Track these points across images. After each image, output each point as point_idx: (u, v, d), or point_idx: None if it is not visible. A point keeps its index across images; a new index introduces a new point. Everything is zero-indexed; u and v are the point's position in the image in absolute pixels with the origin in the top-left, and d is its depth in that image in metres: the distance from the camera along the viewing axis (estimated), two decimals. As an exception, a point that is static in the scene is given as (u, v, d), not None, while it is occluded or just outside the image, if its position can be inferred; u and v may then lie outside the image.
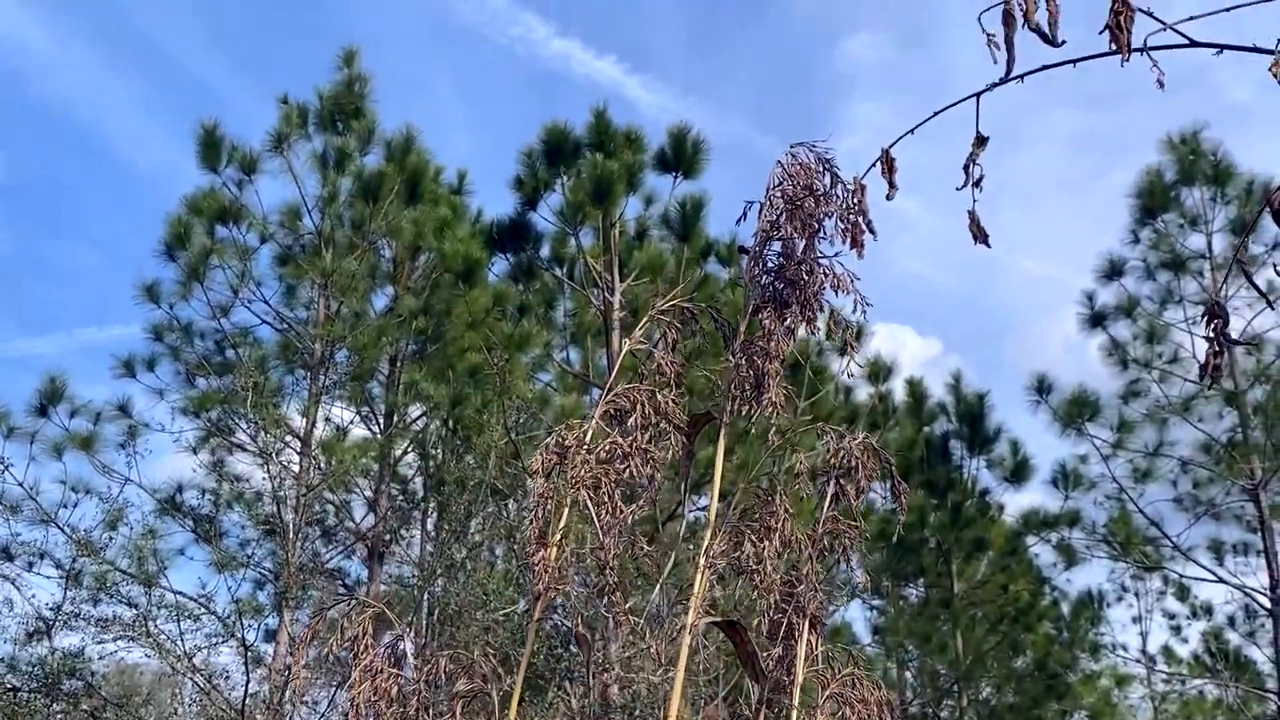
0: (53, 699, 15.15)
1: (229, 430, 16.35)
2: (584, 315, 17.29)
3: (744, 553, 3.37)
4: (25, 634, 15.23)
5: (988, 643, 20.85)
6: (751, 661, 3.47)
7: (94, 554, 14.82)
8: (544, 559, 3.34)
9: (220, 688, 16.07)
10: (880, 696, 3.48)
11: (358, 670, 3.57)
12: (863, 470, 3.55)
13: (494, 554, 16.83)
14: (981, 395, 22.12)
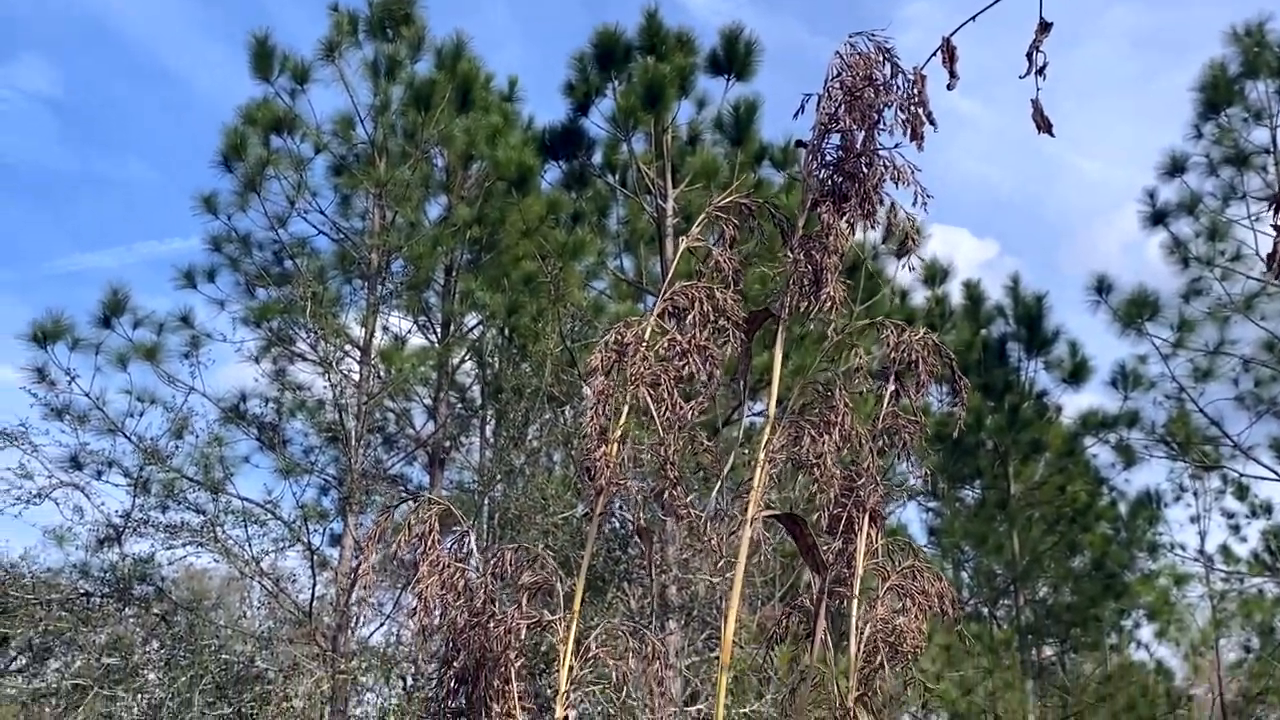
0: (124, 603, 15.61)
1: (289, 340, 16.56)
2: (637, 222, 17.24)
3: (803, 447, 3.39)
4: (96, 541, 15.63)
5: (1044, 543, 20.89)
6: (812, 554, 3.51)
7: (161, 462, 15.13)
8: (605, 455, 3.38)
9: (288, 590, 16.50)
10: (941, 588, 3.51)
11: (425, 565, 3.65)
12: (923, 365, 3.55)
13: (552, 460, 16.99)
14: (1040, 296, 21.93)
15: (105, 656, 15.00)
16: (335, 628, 15.73)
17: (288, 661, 14.47)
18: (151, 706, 15.24)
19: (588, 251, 16.24)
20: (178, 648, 14.62)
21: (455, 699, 3.70)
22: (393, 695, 15.42)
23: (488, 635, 3.52)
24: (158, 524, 15.22)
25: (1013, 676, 19.18)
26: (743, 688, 14.26)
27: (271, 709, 14.28)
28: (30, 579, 15.24)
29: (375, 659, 14.89)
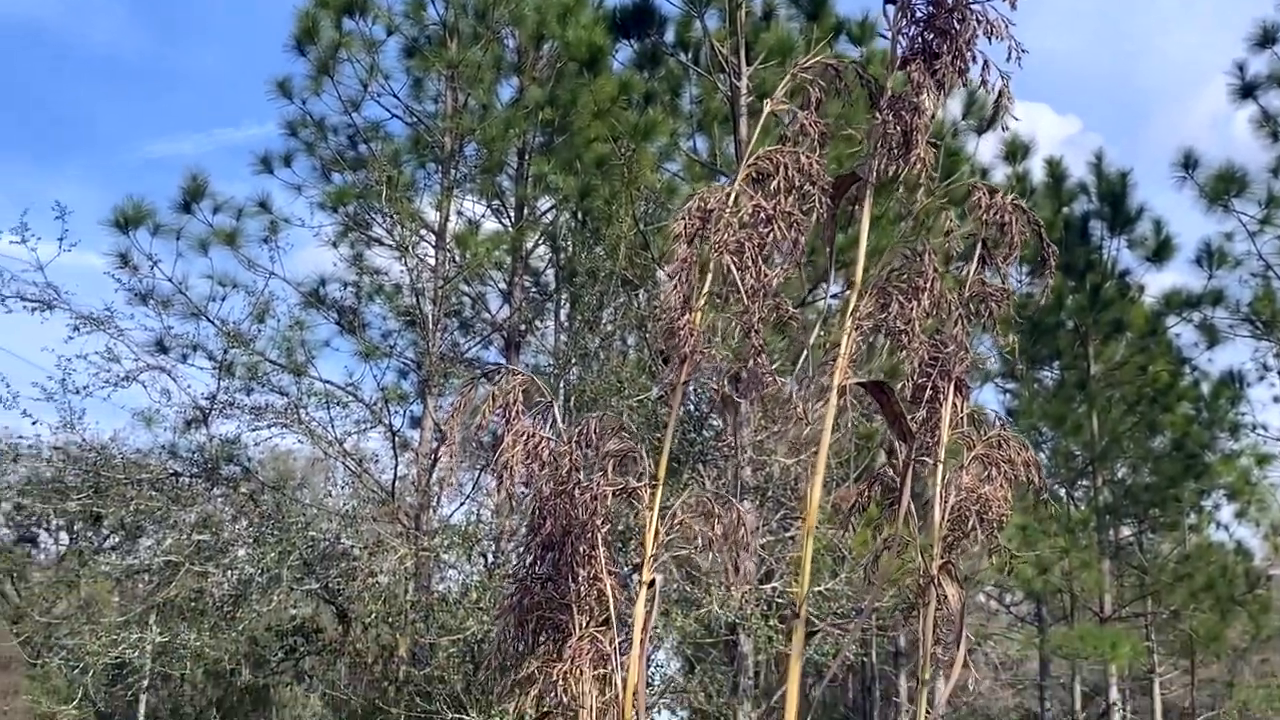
0: (213, 483, 16.02)
1: (366, 224, 16.68)
2: (710, 102, 16.99)
3: (891, 313, 3.36)
4: (184, 422, 16.01)
5: (1124, 424, 20.69)
6: (898, 422, 3.50)
7: (244, 345, 15.39)
8: (688, 324, 3.37)
9: (370, 471, 16.85)
10: (1028, 457, 3.49)
11: (510, 436, 3.69)
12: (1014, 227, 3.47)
13: (626, 343, 17.05)
14: (1124, 173, 21.41)
15: (195, 534, 15.45)
16: (417, 507, 16.07)
17: (372, 539, 14.80)
18: (241, 582, 15.73)
19: (660, 132, 16.05)
20: (265, 525, 15.00)
21: (541, 566, 3.76)
22: (474, 572, 15.76)
23: (573, 503, 3.56)
24: (243, 406, 15.55)
25: (1090, 556, 19.16)
26: (817, 567, 14.39)
27: (357, 584, 14.68)
28: (121, 460, 15.69)
29: (456, 537, 15.19)
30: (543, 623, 3.78)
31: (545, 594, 3.75)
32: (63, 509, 17.85)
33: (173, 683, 19.10)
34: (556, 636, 3.74)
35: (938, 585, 3.45)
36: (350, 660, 16.14)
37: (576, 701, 3.63)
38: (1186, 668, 23.06)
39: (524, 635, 3.83)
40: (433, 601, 15.39)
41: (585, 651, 3.62)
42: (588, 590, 3.63)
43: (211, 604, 15.95)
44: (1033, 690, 24.70)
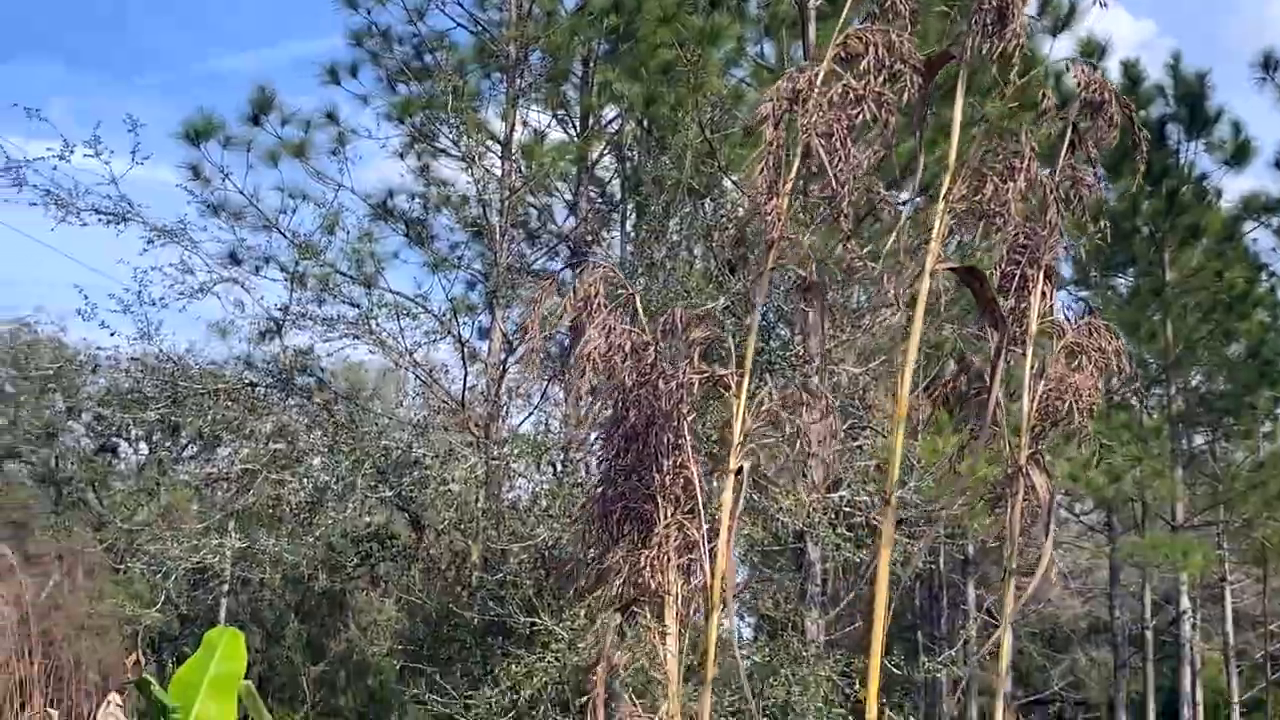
0: (287, 393, 16.25)
1: (432, 135, 16.65)
2: (777, 6, 16.66)
3: (985, 195, 3.29)
4: (258, 333, 16.22)
5: (1199, 331, 20.35)
6: (990, 309, 3.45)
7: (315, 257, 15.51)
8: (775, 208, 3.33)
9: (440, 381, 17.01)
10: (1119, 346, 3.43)
11: (592, 328, 3.68)
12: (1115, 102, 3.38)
13: (692, 253, 16.95)
14: (1201, 75, 20.82)
15: (272, 443, 15.73)
16: (487, 416, 16.21)
17: (443, 448, 14.97)
18: (317, 490, 16.02)
19: (727, 37, 15.79)
20: (339, 435, 15.22)
21: (625, 458, 3.77)
22: (543, 480, 15.93)
23: (657, 394, 3.56)
24: (315, 317, 15.70)
25: (1162, 464, 18.97)
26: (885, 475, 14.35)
27: (430, 492, 14.90)
28: (198, 371, 15.93)
29: (526, 446, 15.33)
30: (627, 514, 3.80)
31: (629, 485, 3.76)
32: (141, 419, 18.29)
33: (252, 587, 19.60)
34: (641, 527, 3.76)
35: (1025, 476, 3.42)
36: (424, 566, 16.44)
37: (662, 589, 3.66)
38: (1259, 576, 22.89)
39: (608, 526, 3.85)
40: (503, 509, 15.59)
41: (672, 539, 3.63)
42: (673, 480, 3.63)
43: (289, 511, 16.28)
44: (1102, 599, 24.64)
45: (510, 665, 12.69)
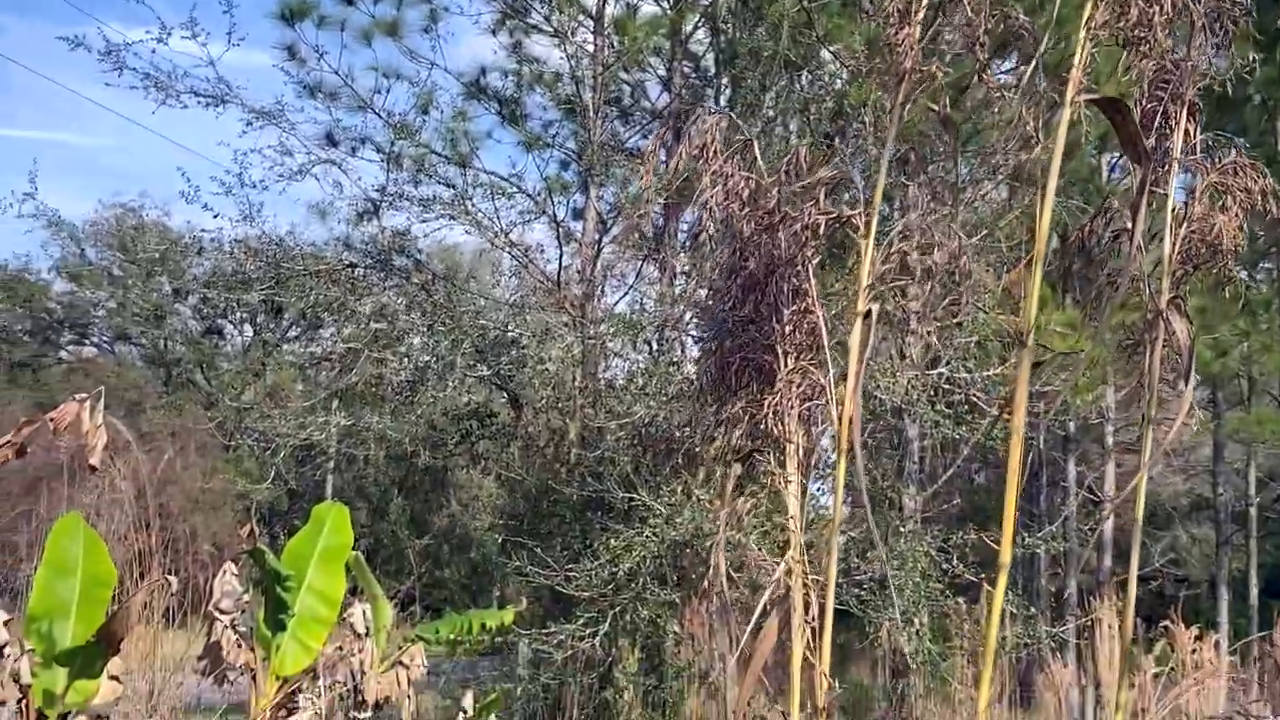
0: (386, 274, 16.41)
1: (524, 11, 16.43)
2: None
3: (1129, 19, 3.12)
4: (356, 214, 16.33)
5: (1316, 203, 19.55)
6: (1133, 143, 3.30)
7: (410, 137, 15.50)
8: (908, 37, 3.19)
9: (536, 261, 17.04)
10: (1266, 185, 3.26)
11: (707, 176, 3.59)
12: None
13: (788, 129, 16.64)
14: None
15: (372, 323, 15.94)
16: (582, 296, 16.24)
17: (540, 328, 15.04)
18: (417, 369, 16.25)
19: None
20: (438, 315, 15.36)
21: (742, 308, 3.70)
22: (639, 359, 15.96)
23: (775, 240, 3.47)
24: (411, 198, 15.75)
25: (1271, 339, 18.40)
26: (985, 351, 14.15)
27: (528, 371, 15.02)
28: (299, 252, 16.14)
29: (621, 325, 15.35)
30: (746, 364, 3.73)
31: (747, 337, 3.70)
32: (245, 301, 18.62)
33: (357, 464, 20.08)
34: (760, 378, 3.70)
35: (1165, 321, 3.30)
36: (523, 443, 16.64)
37: (785, 437, 3.61)
38: (1368, 453, 22.34)
39: (727, 378, 3.80)
40: (600, 388, 15.68)
41: (797, 384, 3.57)
42: (794, 327, 3.56)
43: (390, 390, 16.56)
44: (1205, 476, 24.27)
45: (609, 540, 12.85)
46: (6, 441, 4.38)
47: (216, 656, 7.53)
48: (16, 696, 4.98)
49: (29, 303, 34.12)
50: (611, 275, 17.27)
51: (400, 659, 9.09)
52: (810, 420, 3.73)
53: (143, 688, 7.91)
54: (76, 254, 34.34)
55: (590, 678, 13.36)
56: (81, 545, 5.34)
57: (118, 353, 34.97)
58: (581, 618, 12.77)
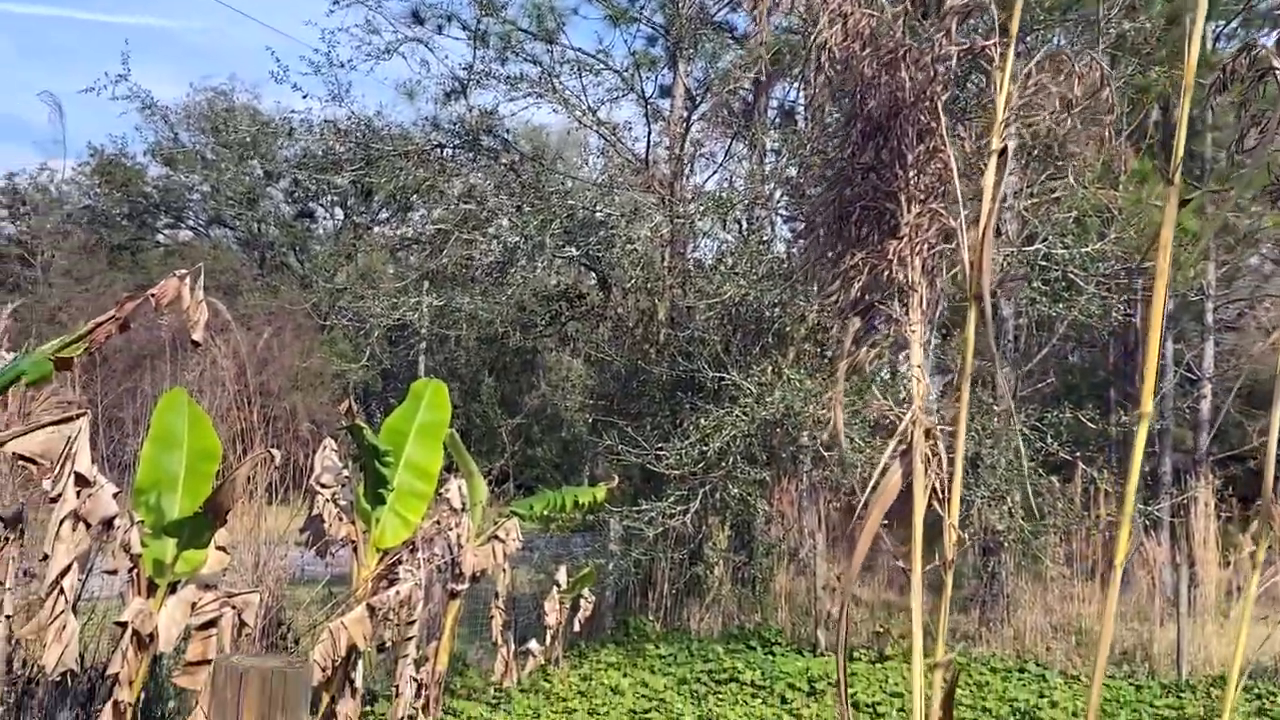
0: (474, 154, 16.38)
1: (609, -121, 16.06)
2: None
3: None
4: (443, 94, 16.27)
5: None
6: None
7: (496, 13, 15.32)
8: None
9: (624, 140, 16.87)
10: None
11: (825, 15, 3.45)
12: None
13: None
14: None
15: (461, 204, 15.97)
16: (671, 175, 16.08)
17: (628, 207, 14.95)
18: (506, 250, 16.29)
19: None
20: (526, 196, 15.32)
21: (862, 155, 3.58)
22: (729, 238, 15.83)
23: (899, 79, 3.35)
24: (498, 76, 15.62)
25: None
26: (1084, 228, 13.81)
27: (616, 251, 14.97)
28: (387, 133, 16.15)
29: (711, 204, 15.19)
30: (866, 213, 3.62)
31: (867, 185, 3.59)
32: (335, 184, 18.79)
33: (448, 346, 20.30)
34: (881, 227, 3.60)
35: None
36: (612, 324, 16.68)
37: (909, 285, 3.52)
38: None
39: (844, 229, 3.69)
40: (689, 267, 15.60)
41: (924, 230, 3.48)
42: (919, 170, 3.46)
43: (480, 271, 16.64)
44: (1309, 355, 23.58)
45: (699, 419, 12.90)
46: (110, 317, 4.46)
47: (319, 529, 7.74)
48: (128, 565, 5.14)
49: (125, 187, 34.71)
50: (700, 153, 17.05)
51: (496, 533, 9.28)
52: (933, 271, 3.64)
53: (248, 559, 8.15)
54: (170, 138, 34.79)
55: (680, 554, 13.54)
56: (186, 420, 5.46)
57: (213, 236, 35.55)
58: (672, 495, 12.90)
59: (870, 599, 14.50)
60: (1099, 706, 4.32)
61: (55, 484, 4.22)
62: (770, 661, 11.53)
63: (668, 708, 9.50)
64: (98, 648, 6.68)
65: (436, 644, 8.66)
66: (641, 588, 13.64)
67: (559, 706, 9.35)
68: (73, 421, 4.28)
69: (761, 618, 13.49)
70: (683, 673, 10.87)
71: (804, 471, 14.57)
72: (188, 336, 5.57)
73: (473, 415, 22.93)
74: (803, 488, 15.08)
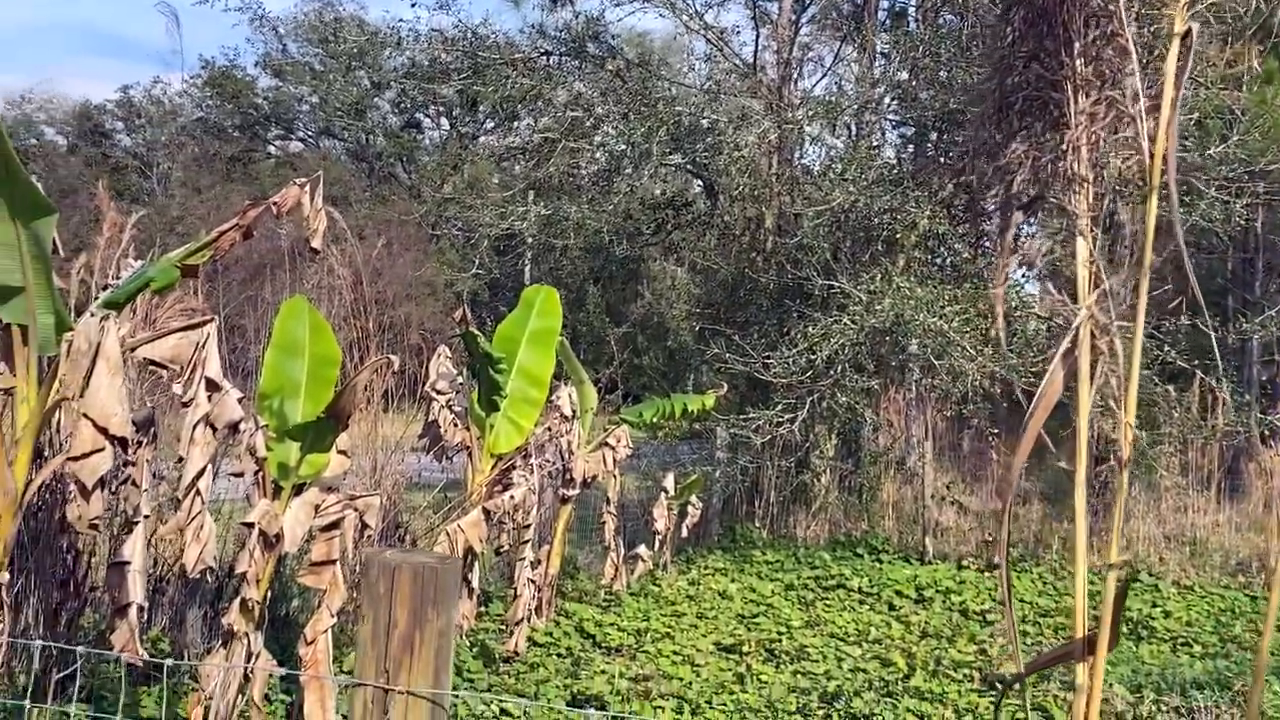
0: (580, 62, 16.26)
1: None
2: None
3: None
4: (549, 0, 16.15)
5: None
6: None
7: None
8: None
9: (730, 44, 16.62)
10: None
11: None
12: None
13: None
14: None
15: (568, 112, 15.90)
16: (779, 80, 15.84)
17: (735, 113, 14.76)
18: (612, 158, 16.23)
19: None
20: (633, 103, 15.20)
21: (1024, 44, 3.46)
22: (838, 144, 15.59)
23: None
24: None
25: None
26: (1206, 130, 13.36)
27: (723, 158, 14.83)
28: (494, 41, 16.10)
29: (820, 108, 14.95)
30: (1029, 103, 3.51)
31: (1030, 73, 3.47)
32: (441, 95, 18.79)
33: (553, 255, 20.38)
34: (1045, 118, 3.49)
35: None
36: (718, 232, 16.59)
37: (1079, 177, 3.42)
38: None
39: (1004, 120, 3.58)
40: (797, 174, 15.41)
41: (1101, 117, 3.37)
42: (1091, 58, 3.33)
43: (586, 179, 16.62)
44: None
45: (806, 327, 12.82)
46: (234, 224, 4.55)
47: (435, 435, 7.90)
48: (254, 469, 5.29)
49: (236, 99, 35.23)
50: (808, 57, 16.76)
51: (606, 440, 9.37)
52: (1099, 163, 3.53)
53: (365, 464, 8.34)
54: (279, 49, 35.15)
55: (787, 462, 13.56)
56: (307, 327, 5.56)
57: (322, 147, 35.98)
58: (779, 404, 12.88)
59: (978, 508, 14.41)
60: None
61: (187, 388, 4.35)
62: (877, 569, 11.56)
63: (775, 612, 9.59)
64: (224, 548, 6.93)
65: (548, 548, 8.82)
66: (748, 495, 13.72)
67: (668, 610, 9.49)
68: (201, 327, 4.40)
69: (868, 526, 13.49)
70: (789, 579, 10.95)
71: (912, 381, 14.45)
72: (306, 245, 5.67)
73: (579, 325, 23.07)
74: (910, 397, 14.96)
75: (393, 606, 2.33)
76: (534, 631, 8.18)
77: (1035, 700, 7.12)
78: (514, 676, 7.36)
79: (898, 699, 7.20)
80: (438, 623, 2.39)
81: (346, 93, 32.93)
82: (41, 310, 4.09)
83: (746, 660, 8.04)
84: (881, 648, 8.59)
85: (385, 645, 2.36)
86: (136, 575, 4.52)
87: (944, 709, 7.01)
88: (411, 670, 2.36)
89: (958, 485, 14.54)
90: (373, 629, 2.39)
